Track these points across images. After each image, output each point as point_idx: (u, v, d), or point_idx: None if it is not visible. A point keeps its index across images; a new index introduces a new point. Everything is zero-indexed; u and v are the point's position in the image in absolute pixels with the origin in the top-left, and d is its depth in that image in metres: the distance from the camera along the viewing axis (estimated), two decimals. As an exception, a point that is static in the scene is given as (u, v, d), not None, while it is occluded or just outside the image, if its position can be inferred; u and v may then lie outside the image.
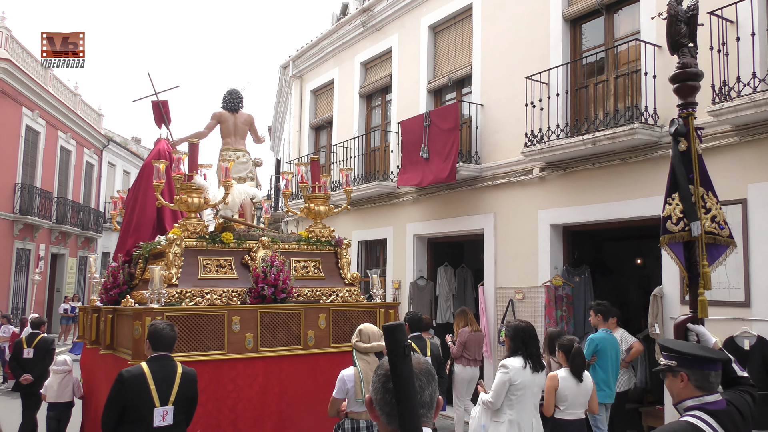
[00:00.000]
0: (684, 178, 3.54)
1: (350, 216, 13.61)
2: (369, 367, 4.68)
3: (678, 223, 3.48)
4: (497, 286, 9.76)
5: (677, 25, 3.65)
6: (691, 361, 2.76)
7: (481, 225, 10.11)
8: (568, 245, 9.22)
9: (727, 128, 6.94)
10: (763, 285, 6.57)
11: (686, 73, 3.53)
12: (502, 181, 9.78)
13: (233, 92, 7.99)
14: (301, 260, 6.72)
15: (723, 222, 3.59)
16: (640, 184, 7.84)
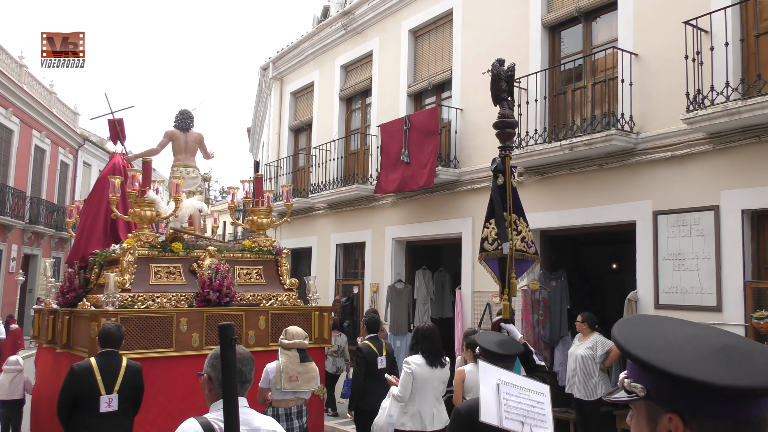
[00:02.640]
0: (500, 207, 4.25)
1: (329, 218, 13.60)
2: (289, 361, 5.45)
3: (493, 243, 4.23)
4: (475, 290, 9.81)
5: (499, 83, 4.43)
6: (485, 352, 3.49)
7: (459, 229, 10.16)
8: (545, 250, 9.30)
9: (701, 136, 7.07)
10: (734, 290, 6.69)
11: (505, 122, 4.32)
12: (480, 185, 9.84)
13: (185, 112, 8.65)
14: (245, 268, 7.45)
15: (530, 242, 4.38)
16: (616, 190, 7.95)
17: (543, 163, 8.66)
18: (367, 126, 13.00)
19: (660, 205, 7.46)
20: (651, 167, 7.61)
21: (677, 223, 7.26)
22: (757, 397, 1.10)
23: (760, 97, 6.27)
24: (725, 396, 1.09)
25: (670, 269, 7.27)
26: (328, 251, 13.63)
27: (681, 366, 1.10)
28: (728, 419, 1.11)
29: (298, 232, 14.91)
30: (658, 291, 7.37)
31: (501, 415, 2.29)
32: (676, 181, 7.33)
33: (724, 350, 1.14)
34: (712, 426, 1.11)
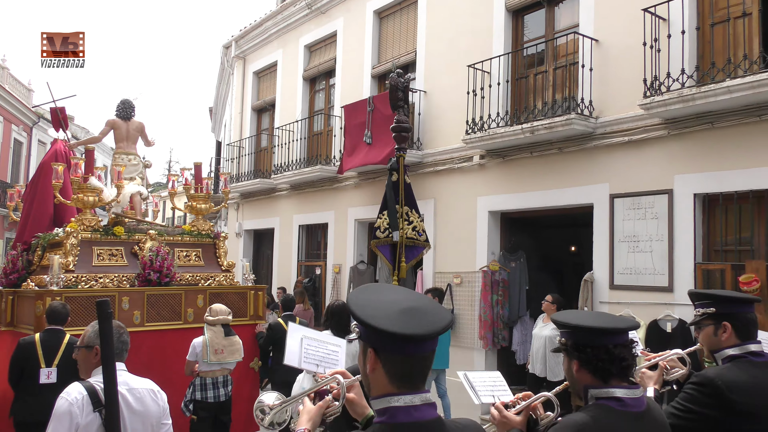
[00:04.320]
0: (392, 201, 4.81)
1: (291, 200, 13.54)
2: (214, 335, 6.02)
3: (384, 231, 4.78)
4: (436, 271, 9.92)
5: (396, 92, 5.00)
6: None
7: (422, 210, 10.14)
8: (505, 231, 9.46)
9: (657, 121, 7.25)
10: (685, 271, 6.92)
11: (400, 127, 4.94)
12: (443, 167, 9.92)
13: (126, 102, 8.96)
14: (184, 250, 7.91)
15: (421, 230, 5.00)
16: (575, 173, 8.11)
17: (504, 146, 8.77)
18: (331, 107, 12.94)
19: (616, 189, 7.64)
20: (609, 151, 7.78)
21: (633, 206, 7.46)
22: (421, 341, 1.66)
23: (714, 84, 6.45)
24: (400, 339, 1.63)
25: (625, 251, 7.48)
26: (290, 232, 13.58)
27: (374, 319, 1.64)
28: (403, 354, 1.66)
29: (260, 213, 14.82)
30: (614, 272, 7.58)
31: (301, 359, 2.92)
32: (633, 166, 7.52)
33: (409, 310, 1.67)
34: (392, 358, 1.67)
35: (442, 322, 1.68)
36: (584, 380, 2.13)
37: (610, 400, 2.06)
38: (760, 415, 2.47)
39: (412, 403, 1.66)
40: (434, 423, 1.70)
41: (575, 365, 2.15)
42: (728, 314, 2.75)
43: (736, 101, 6.41)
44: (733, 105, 6.52)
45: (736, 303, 2.81)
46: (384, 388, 1.68)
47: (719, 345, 2.76)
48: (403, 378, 1.67)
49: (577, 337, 2.13)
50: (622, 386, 2.08)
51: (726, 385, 2.50)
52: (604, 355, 2.07)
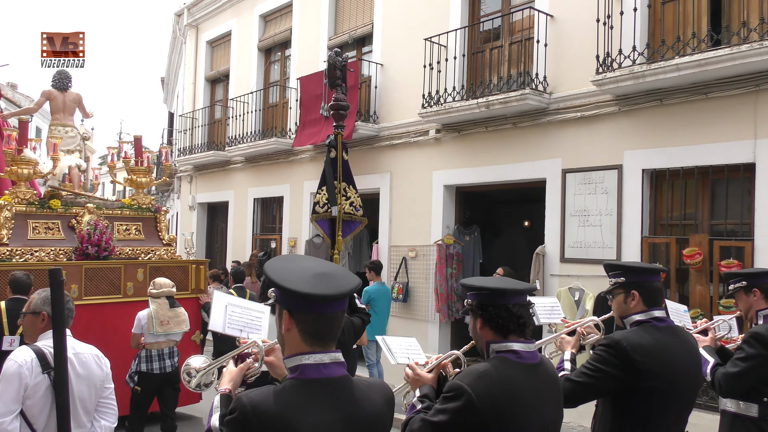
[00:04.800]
0: (331, 177, 5.01)
1: (246, 172, 13.36)
2: (159, 307, 6.11)
3: (323, 206, 5.01)
4: (391, 244, 9.97)
5: (334, 71, 5.16)
6: None
7: (377, 184, 10.24)
8: (460, 205, 9.54)
9: (609, 98, 7.38)
10: (632, 245, 7.11)
11: (338, 105, 5.10)
12: (399, 141, 9.92)
13: (62, 72, 8.79)
14: (124, 224, 7.93)
15: (359, 206, 5.22)
16: (529, 148, 8.21)
17: (460, 120, 8.80)
18: (287, 78, 12.74)
19: (569, 164, 7.78)
20: (561, 127, 7.90)
21: (584, 181, 7.61)
22: (330, 301, 1.82)
23: (664, 62, 6.59)
24: (311, 300, 1.79)
25: (576, 225, 7.64)
26: (245, 205, 13.42)
27: (288, 282, 1.80)
28: (314, 314, 1.82)
29: (214, 185, 14.59)
30: (564, 245, 7.74)
31: (225, 325, 3.04)
32: (584, 141, 7.65)
33: (320, 275, 1.84)
34: (305, 317, 1.83)
35: (349, 285, 1.85)
36: (486, 336, 2.35)
37: (508, 353, 2.29)
38: (658, 372, 2.74)
39: (321, 361, 1.82)
40: (342, 380, 1.85)
41: (479, 323, 2.36)
42: (636, 283, 2.97)
43: (684, 79, 6.56)
44: (682, 82, 6.67)
45: (643, 273, 3.04)
46: (297, 347, 1.83)
47: (628, 311, 2.98)
48: (314, 336, 1.82)
49: (481, 298, 2.35)
50: (520, 341, 2.31)
51: (631, 347, 2.74)
52: (504, 314, 2.29)
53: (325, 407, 1.78)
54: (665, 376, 2.75)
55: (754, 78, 6.26)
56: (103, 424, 3.16)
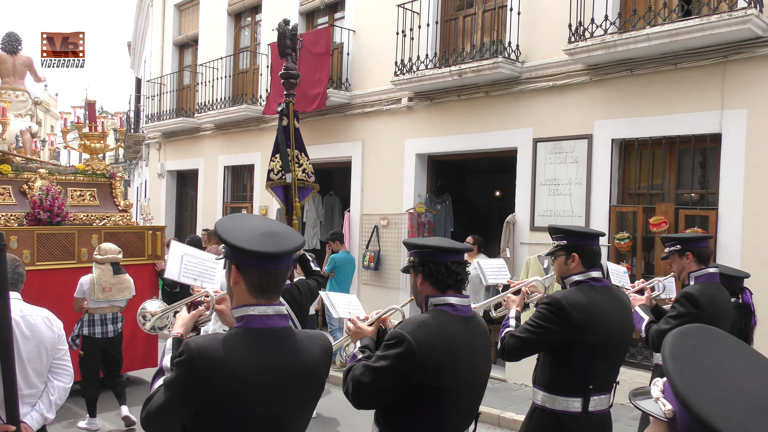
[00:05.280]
0: (284, 145, 5.15)
1: (216, 140, 13.17)
2: (102, 274, 6.15)
3: (278, 174, 5.16)
4: (363, 213, 9.97)
5: (284, 40, 5.22)
6: None
7: (349, 152, 10.18)
8: (432, 174, 9.55)
9: (580, 67, 7.40)
10: (600, 213, 7.22)
11: (288, 74, 5.15)
12: (371, 109, 9.84)
13: (11, 35, 8.64)
14: (78, 190, 7.88)
15: (311, 172, 5.40)
16: (501, 117, 8.22)
17: (433, 88, 8.76)
18: (257, 44, 12.50)
19: (540, 133, 7.82)
20: (533, 96, 7.91)
21: (554, 150, 7.66)
22: (275, 258, 1.95)
23: (635, 31, 6.61)
24: (256, 256, 1.92)
25: (546, 194, 7.72)
26: (215, 173, 13.26)
27: (236, 240, 1.93)
28: (260, 269, 1.96)
29: (183, 153, 14.36)
30: (534, 214, 7.82)
31: (180, 273, 3.21)
32: (555, 111, 7.68)
33: (267, 234, 1.97)
34: (251, 272, 1.96)
35: (293, 243, 1.99)
36: (426, 291, 2.55)
37: (445, 306, 2.49)
38: (593, 328, 2.99)
39: (265, 313, 1.96)
40: (284, 330, 2.00)
41: (419, 279, 2.55)
42: (577, 246, 3.17)
43: (654, 49, 6.61)
44: (652, 53, 6.72)
45: (583, 237, 3.23)
46: (244, 299, 1.97)
47: (568, 272, 3.20)
48: (259, 290, 1.96)
49: (423, 256, 2.54)
50: (456, 296, 2.52)
51: (569, 305, 2.98)
52: (443, 270, 2.49)
53: (266, 354, 1.93)
54: (599, 332, 3.00)
55: (722, 49, 6.33)
56: (56, 384, 3.17)
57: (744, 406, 0.96)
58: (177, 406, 1.90)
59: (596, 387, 3.07)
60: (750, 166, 6.21)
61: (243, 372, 1.86)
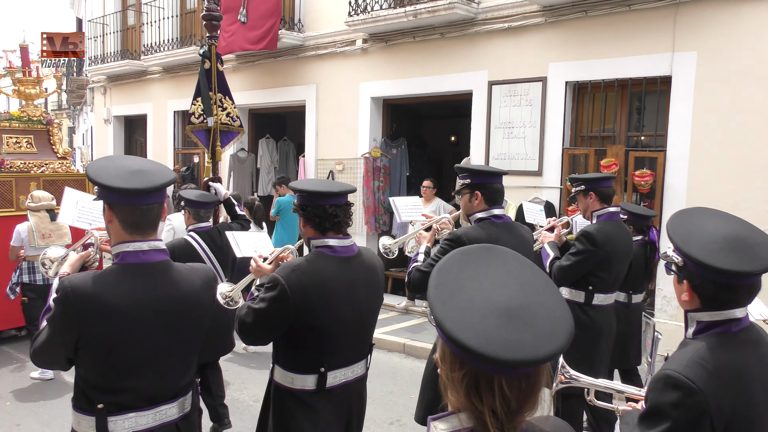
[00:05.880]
0: (206, 88, 5.18)
1: (164, 83, 12.72)
2: (40, 221, 6.18)
3: (199, 117, 5.21)
4: (318, 158, 9.86)
5: None
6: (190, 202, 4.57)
7: (303, 96, 9.98)
8: (387, 118, 9.47)
9: (536, 8, 7.34)
10: (553, 156, 7.31)
11: (211, 15, 5.15)
12: (325, 51, 9.62)
13: None
14: (14, 137, 7.75)
15: (235, 116, 5.45)
16: (456, 60, 8.14)
17: (388, 29, 8.59)
18: (205, -18, 11.96)
19: (495, 76, 7.79)
20: (489, 38, 7.84)
21: (509, 93, 7.66)
22: (143, 194, 2.03)
23: (590, -29, 6.56)
24: (124, 194, 2.01)
25: (501, 137, 7.75)
26: (165, 118, 12.86)
27: (105, 179, 2.01)
28: (130, 205, 2.04)
29: (130, 98, 13.84)
30: (489, 157, 7.86)
31: (75, 218, 3.38)
32: (510, 53, 7.64)
33: (135, 172, 2.04)
34: (123, 209, 2.05)
35: (162, 179, 2.07)
36: (308, 233, 2.65)
37: (324, 248, 2.60)
38: None
39: (140, 248, 2.07)
40: (160, 264, 2.11)
41: (302, 221, 2.66)
42: (480, 185, 3.32)
43: (609, -10, 6.58)
44: (606, -6, 6.70)
45: (486, 175, 3.36)
46: (119, 236, 2.08)
47: (472, 209, 3.35)
48: (133, 226, 2.07)
49: (302, 200, 2.62)
50: (336, 237, 2.61)
51: (469, 240, 3.11)
52: (322, 213, 2.57)
53: (141, 287, 2.04)
54: None
55: (675, -10, 6.35)
56: None
57: (482, 313, 1.09)
58: (57, 341, 2.02)
59: None
60: (698, 109, 6.33)
61: (118, 305, 1.97)
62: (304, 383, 2.57)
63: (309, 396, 2.57)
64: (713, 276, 1.66)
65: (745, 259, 1.65)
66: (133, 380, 2.05)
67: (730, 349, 1.68)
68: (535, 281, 1.20)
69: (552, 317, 1.11)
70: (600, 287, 3.93)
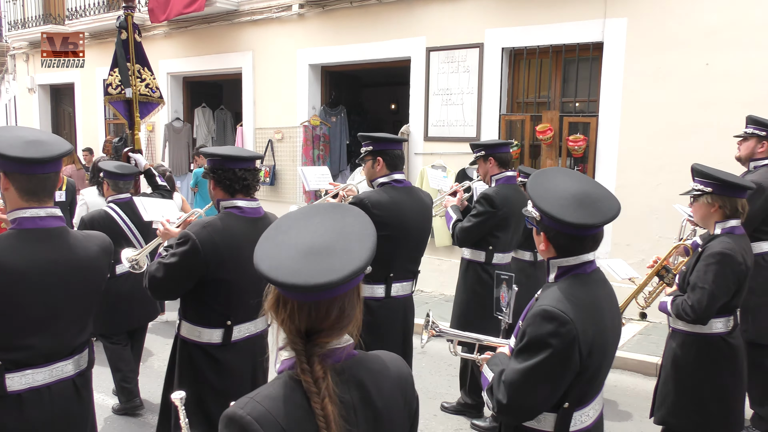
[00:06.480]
0: (123, 59, 5.22)
1: (92, 50, 12.13)
2: None
3: (116, 88, 5.22)
4: (256, 127, 9.68)
5: None
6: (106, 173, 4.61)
7: (239, 63, 9.73)
8: (326, 86, 9.35)
9: (472, -26, 7.33)
10: (491, 122, 7.38)
11: None
12: (260, 17, 9.38)
13: None
14: None
15: (155, 87, 5.41)
16: (394, 26, 8.08)
17: (324, -6, 8.43)
18: (132, -57, 11.42)
19: (433, 42, 7.77)
20: (426, 3, 7.79)
21: (447, 59, 7.67)
22: (38, 164, 2.11)
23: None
24: (20, 162, 2.08)
25: (439, 104, 7.78)
26: (93, 87, 12.32)
27: (2, 149, 2.07)
28: (26, 174, 2.11)
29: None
30: (428, 125, 7.89)
31: None
32: (448, 19, 7.63)
33: (32, 141, 2.12)
34: (19, 177, 2.12)
35: (58, 150, 2.16)
36: (218, 195, 2.84)
37: (233, 209, 2.81)
38: (392, 223, 3.36)
39: (37, 215, 2.17)
40: (57, 230, 2.22)
41: (212, 184, 2.83)
42: (381, 151, 3.51)
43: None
44: (541, -40, 6.74)
45: (387, 142, 3.54)
46: (16, 203, 2.16)
47: (375, 175, 3.55)
48: (29, 194, 2.15)
49: (213, 163, 2.80)
50: (245, 199, 2.83)
51: (371, 203, 3.32)
52: (231, 176, 2.77)
53: (38, 250, 2.14)
54: (398, 226, 3.39)
55: (606, -43, 6.45)
56: None
57: (286, 251, 1.29)
58: None
59: (396, 275, 3.48)
60: (628, 75, 6.50)
61: (16, 267, 2.07)
62: (210, 337, 2.78)
63: (215, 349, 2.78)
64: (564, 228, 1.92)
65: (589, 213, 1.90)
66: (30, 339, 2.13)
67: (587, 286, 1.96)
68: (351, 230, 1.36)
69: (345, 257, 1.27)
70: (499, 247, 4.20)
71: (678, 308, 3.04)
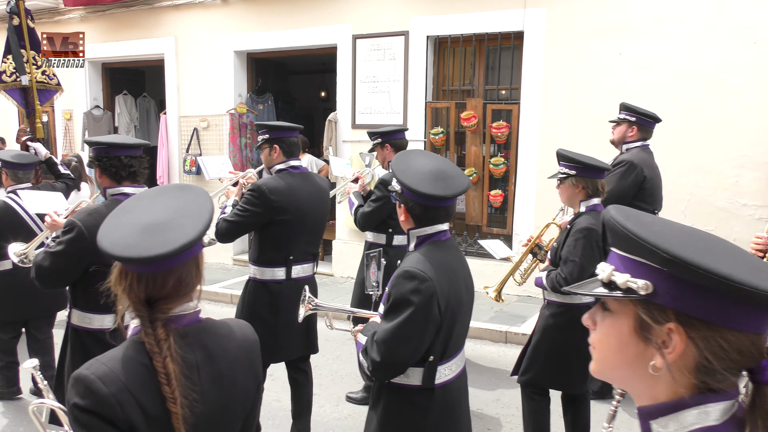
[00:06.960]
0: (16, 45, 5.13)
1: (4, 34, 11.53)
2: None
3: (11, 75, 5.13)
4: (181, 115, 9.44)
5: None
6: None
7: (161, 49, 9.45)
8: (252, 73, 9.21)
9: (397, -39, 7.36)
10: (417, 110, 7.47)
11: None
12: (182, 1, 9.12)
13: None
14: None
15: (52, 74, 5.42)
16: (321, 13, 8.03)
17: (248, -21, 8.28)
18: None
19: (359, 30, 7.78)
20: (352, -9, 7.78)
21: (373, 47, 7.70)
22: None
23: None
24: None
25: (366, 91, 7.80)
26: (6, 74, 11.69)
27: None
28: None
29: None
30: (355, 112, 7.91)
31: None
32: (373, 6, 7.65)
33: None
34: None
35: None
36: (105, 183, 2.89)
37: (120, 195, 2.85)
38: (288, 209, 3.51)
39: None
40: None
41: (98, 172, 2.87)
42: (278, 139, 3.63)
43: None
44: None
45: (282, 130, 3.67)
46: None
47: (272, 162, 3.68)
48: None
49: (98, 152, 2.85)
50: (132, 186, 2.89)
51: (269, 190, 3.46)
52: (117, 164, 2.83)
53: None
54: (294, 211, 3.53)
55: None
56: None
57: (125, 228, 1.40)
58: None
59: (296, 257, 3.62)
60: (548, 63, 6.70)
61: None
62: (102, 323, 2.86)
63: (107, 335, 2.83)
64: (420, 199, 2.16)
65: (441, 186, 2.14)
66: None
67: (442, 252, 2.21)
68: (188, 207, 1.46)
69: (177, 232, 1.37)
70: (398, 229, 4.33)
71: (552, 281, 3.28)
